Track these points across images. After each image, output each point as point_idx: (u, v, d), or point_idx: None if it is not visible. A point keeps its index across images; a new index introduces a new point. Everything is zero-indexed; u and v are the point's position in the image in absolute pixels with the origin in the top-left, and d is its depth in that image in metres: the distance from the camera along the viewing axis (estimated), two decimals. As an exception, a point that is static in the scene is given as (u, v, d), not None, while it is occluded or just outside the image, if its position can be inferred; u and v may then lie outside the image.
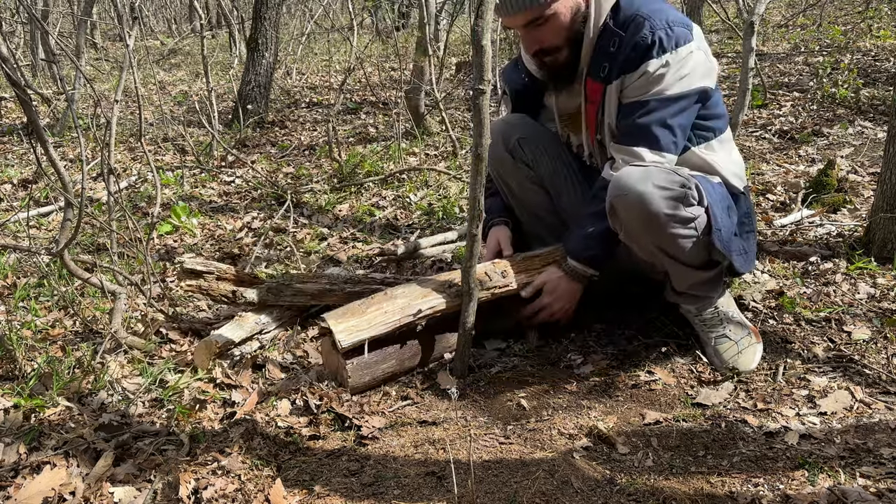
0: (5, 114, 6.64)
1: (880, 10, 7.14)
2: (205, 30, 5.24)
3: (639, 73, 1.82)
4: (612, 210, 1.80)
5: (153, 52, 10.56)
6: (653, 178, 1.72)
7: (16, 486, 1.54)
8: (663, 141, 1.83)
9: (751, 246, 1.99)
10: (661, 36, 1.79)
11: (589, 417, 1.77)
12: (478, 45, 1.61)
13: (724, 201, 1.87)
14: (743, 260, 1.92)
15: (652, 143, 1.83)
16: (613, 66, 1.86)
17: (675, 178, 1.73)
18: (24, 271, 2.86)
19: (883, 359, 1.90)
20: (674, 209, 1.72)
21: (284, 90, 7.00)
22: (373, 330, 1.85)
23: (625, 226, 1.81)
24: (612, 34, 1.86)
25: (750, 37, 2.96)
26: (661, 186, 1.71)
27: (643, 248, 1.85)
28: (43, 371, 2.00)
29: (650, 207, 1.70)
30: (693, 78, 1.82)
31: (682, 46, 1.80)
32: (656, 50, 1.78)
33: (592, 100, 1.96)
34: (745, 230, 1.97)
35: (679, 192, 1.72)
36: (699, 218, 1.76)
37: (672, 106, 1.82)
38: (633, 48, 1.81)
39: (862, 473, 1.48)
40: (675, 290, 1.96)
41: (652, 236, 1.78)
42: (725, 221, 1.83)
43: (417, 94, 4.74)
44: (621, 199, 1.75)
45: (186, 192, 3.98)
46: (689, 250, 1.79)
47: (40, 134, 1.95)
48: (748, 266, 1.97)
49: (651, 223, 1.73)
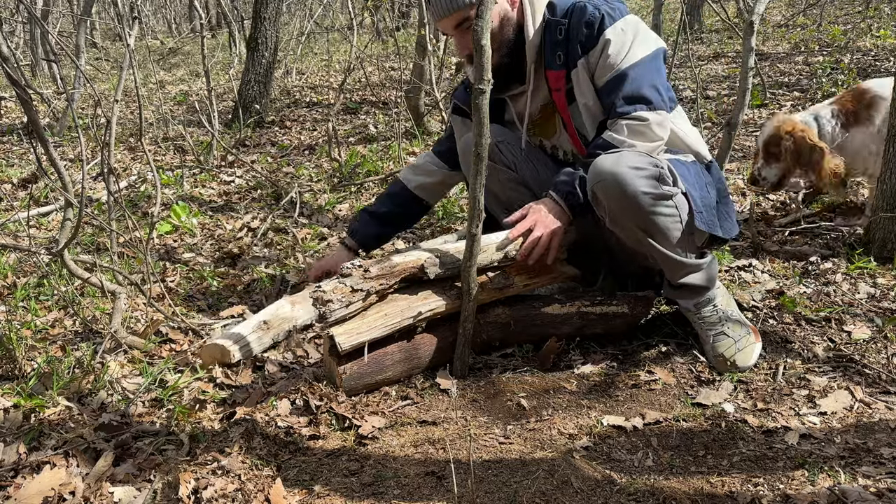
0: (5, 114, 6.64)
1: (880, 9, 7.13)
2: (205, 29, 5.23)
3: (600, 45, 1.90)
4: (594, 197, 1.85)
5: (153, 51, 10.56)
6: (626, 160, 1.78)
7: (16, 486, 1.54)
8: (655, 100, 1.90)
9: (730, 209, 2.06)
10: (606, 10, 1.91)
11: (589, 417, 1.77)
12: (478, 45, 1.61)
13: (701, 178, 1.94)
14: (729, 225, 1.99)
15: (647, 103, 1.89)
16: (570, 49, 1.95)
17: (647, 158, 1.80)
18: (24, 271, 2.86)
19: (883, 358, 1.90)
20: (651, 187, 1.77)
21: (284, 90, 7.00)
22: (372, 332, 1.85)
23: (608, 210, 1.85)
24: (555, 25, 1.97)
25: (750, 36, 2.96)
26: (635, 167, 1.77)
27: (629, 234, 1.88)
28: (43, 371, 2.00)
29: (628, 187, 1.76)
30: (649, 39, 1.93)
31: (627, 15, 1.94)
32: (607, 21, 1.90)
33: (557, 87, 2.02)
34: (722, 195, 2.04)
35: (653, 170, 1.78)
36: (677, 196, 1.82)
37: (648, 66, 1.91)
38: (585, 26, 1.92)
39: (862, 473, 1.48)
40: (670, 285, 1.97)
41: (634, 217, 1.81)
42: (706, 199, 1.90)
43: (417, 94, 4.74)
44: (600, 185, 1.80)
45: (186, 192, 3.98)
46: (672, 232, 1.83)
47: (40, 133, 1.95)
48: (734, 230, 2.02)
49: (631, 203, 1.78)
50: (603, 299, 2.08)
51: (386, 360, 1.91)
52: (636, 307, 2.08)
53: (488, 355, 2.09)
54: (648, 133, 1.88)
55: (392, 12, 9.28)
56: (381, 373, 1.91)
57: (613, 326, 2.09)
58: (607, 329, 2.09)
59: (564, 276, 2.17)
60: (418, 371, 1.99)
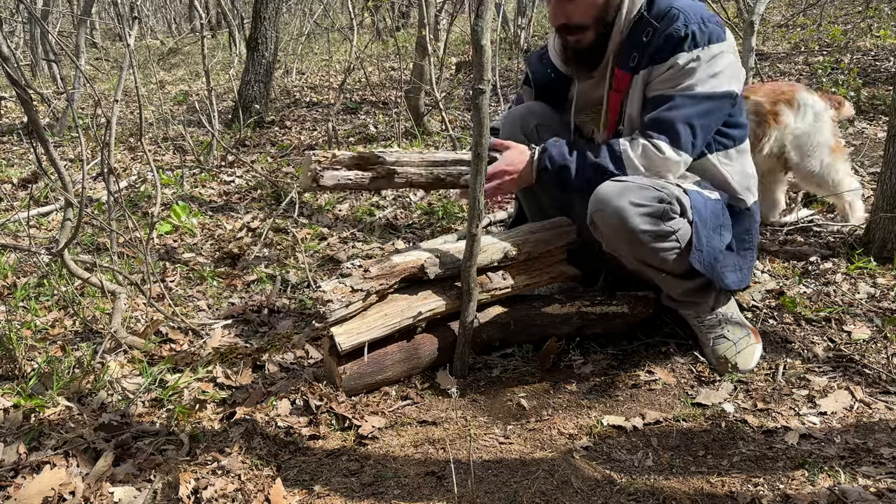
0: (5, 114, 6.64)
1: (880, 9, 7.14)
2: (205, 29, 5.23)
3: (668, 65, 1.80)
4: (591, 223, 1.81)
5: (153, 51, 10.56)
6: (630, 194, 1.71)
7: (16, 486, 1.54)
8: (683, 139, 1.79)
9: (747, 263, 1.96)
10: (695, 30, 1.76)
11: (589, 417, 1.77)
12: (478, 45, 1.61)
13: (716, 220, 1.83)
14: (736, 277, 1.91)
15: (672, 138, 1.80)
16: (643, 56, 1.84)
17: (652, 193, 1.73)
18: (24, 271, 2.86)
19: (883, 358, 1.90)
20: (652, 225, 1.72)
21: (284, 90, 7.00)
22: (372, 332, 1.85)
23: (605, 238, 1.82)
24: (646, 24, 1.84)
25: (750, 36, 2.96)
26: (638, 203, 1.70)
27: (627, 260, 1.86)
28: (43, 371, 2.00)
29: (627, 224, 1.71)
30: (722, 79, 1.79)
31: (715, 44, 1.78)
32: (688, 43, 1.77)
33: (618, 88, 1.93)
34: (744, 247, 1.95)
35: (657, 207, 1.71)
36: (681, 230, 1.75)
37: (699, 105, 1.79)
38: (665, 39, 1.79)
39: (862, 473, 1.48)
40: (670, 297, 1.97)
41: (632, 250, 1.79)
42: (712, 242, 1.81)
43: (417, 94, 4.74)
44: (600, 214, 1.76)
45: (186, 192, 3.98)
46: (673, 262, 1.79)
47: (40, 133, 1.95)
48: (741, 282, 1.94)
49: (630, 239, 1.74)
50: (603, 299, 2.08)
51: (386, 360, 1.91)
52: (636, 307, 2.08)
53: (488, 355, 2.09)
54: (660, 166, 1.80)
55: (392, 12, 9.29)
56: (381, 373, 1.91)
57: (613, 326, 2.08)
58: (607, 329, 2.09)
59: (564, 276, 2.17)
60: (418, 371, 1.99)
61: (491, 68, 1.66)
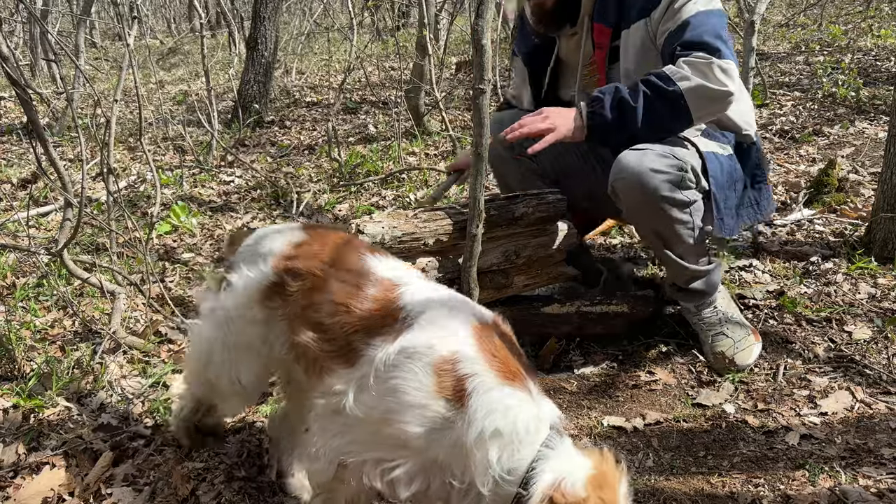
0: (5, 114, 6.64)
1: (881, 9, 7.13)
2: (204, 29, 5.23)
3: (664, 4, 1.81)
4: (612, 191, 1.83)
5: (153, 51, 10.55)
6: (649, 161, 1.75)
7: (15, 486, 1.54)
8: (724, 50, 1.76)
9: (763, 196, 2.00)
10: None
11: (589, 418, 1.77)
12: (478, 45, 1.61)
13: (731, 178, 1.88)
14: (753, 211, 1.95)
15: (713, 52, 1.75)
16: (629, 8, 1.86)
17: (671, 161, 1.76)
18: (23, 271, 2.85)
19: (884, 359, 1.90)
20: (670, 191, 1.75)
21: (284, 90, 6.99)
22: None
23: (626, 206, 1.84)
24: None
25: (750, 36, 2.96)
26: (658, 170, 1.74)
27: (643, 230, 1.90)
28: (42, 371, 1.99)
29: (647, 188, 1.74)
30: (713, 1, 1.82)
31: None
32: None
33: (600, 44, 1.96)
34: (757, 181, 1.99)
35: (675, 175, 1.75)
36: (696, 203, 1.79)
37: (713, 18, 1.79)
38: None
39: (863, 474, 1.48)
40: (674, 286, 1.97)
41: (649, 217, 1.81)
42: (729, 202, 1.86)
43: (417, 94, 4.73)
44: (620, 181, 1.79)
45: (186, 192, 3.98)
46: (685, 238, 1.82)
47: (40, 133, 1.95)
48: (763, 213, 1.98)
49: (648, 203, 1.77)
50: (603, 299, 2.08)
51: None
52: (636, 307, 2.08)
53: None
54: (710, 75, 1.73)
55: (392, 12, 9.28)
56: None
57: (613, 326, 2.08)
58: (607, 329, 2.08)
59: (564, 276, 2.16)
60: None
61: (491, 68, 1.66)
